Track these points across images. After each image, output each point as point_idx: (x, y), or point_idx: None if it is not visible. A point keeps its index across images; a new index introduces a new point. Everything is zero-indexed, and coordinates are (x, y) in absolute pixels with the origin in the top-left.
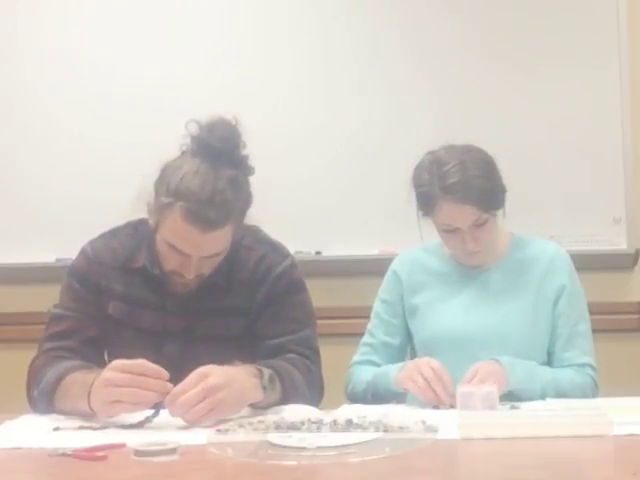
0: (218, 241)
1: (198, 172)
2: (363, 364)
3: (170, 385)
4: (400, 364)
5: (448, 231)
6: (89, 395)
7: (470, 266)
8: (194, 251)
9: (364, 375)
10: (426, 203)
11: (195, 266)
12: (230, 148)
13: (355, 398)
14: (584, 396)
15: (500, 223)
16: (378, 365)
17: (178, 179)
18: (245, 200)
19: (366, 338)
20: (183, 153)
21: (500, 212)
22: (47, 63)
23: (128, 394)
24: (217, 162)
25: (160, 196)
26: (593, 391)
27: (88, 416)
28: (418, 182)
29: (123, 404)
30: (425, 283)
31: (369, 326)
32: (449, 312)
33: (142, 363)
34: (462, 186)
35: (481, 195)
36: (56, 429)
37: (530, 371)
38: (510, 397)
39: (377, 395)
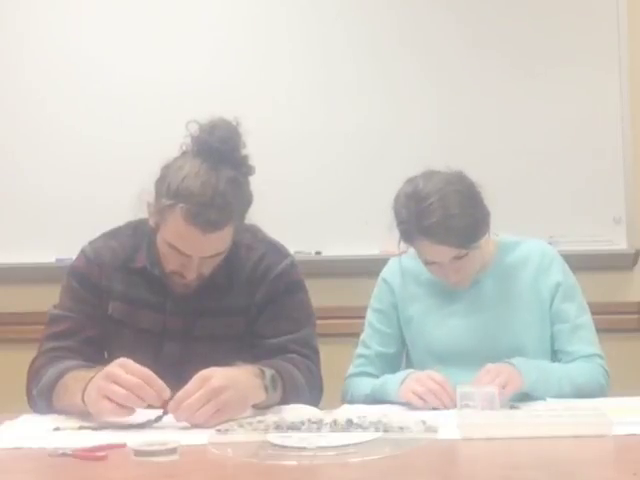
0: (219, 242)
1: (199, 173)
2: (359, 376)
3: (162, 402)
4: (399, 376)
5: (429, 263)
6: (85, 388)
7: None
8: (195, 252)
9: (362, 389)
10: (406, 238)
11: (196, 266)
12: (230, 149)
13: None
14: (598, 385)
15: (485, 242)
16: (374, 376)
17: (179, 180)
18: (245, 201)
19: (360, 349)
20: (184, 153)
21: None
22: (48, 64)
23: (121, 395)
24: (218, 163)
25: (161, 197)
26: (605, 379)
27: (82, 412)
28: (397, 216)
29: (110, 403)
30: (418, 294)
31: (363, 336)
32: (444, 324)
33: (150, 374)
34: (440, 227)
35: (460, 235)
36: (56, 429)
37: (544, 370)
38: (524, 396)
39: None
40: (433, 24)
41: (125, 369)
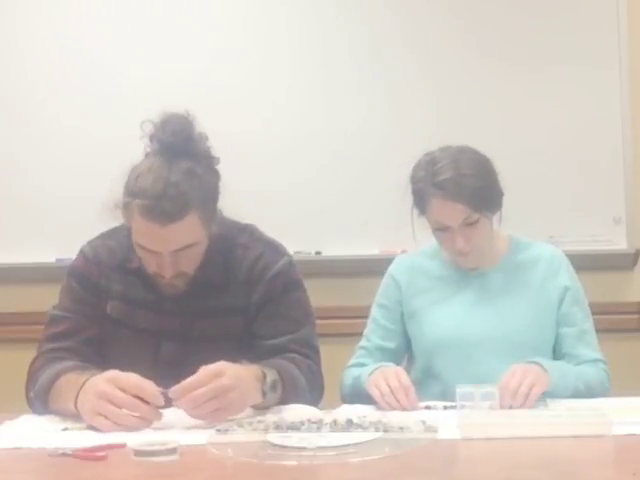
0: (182, 233)
1: (152, 169)
2: (356, 367)
3: (159, 413)
4: (372, 367)
5: (440, 229)
6: (77, 396)
7: (467, 268)
8: (160, 247)
9: (352, 375)
10: (419, 200)
11: (169, 263)
12: (183, 140)
13: (344, 399)
14: (604, 389)
15: (496, 227)
16: None
17: (134, 179)
18: (206, 189)
19: (362, 342)
20: (146, 155)
21: (496, 216)
22: (48, 63)
23: (116, 415)
24: (172, 156)
25: (123, 199)
26: (608, 383)
27: (76, 416)
28: (413, 179)
29: (107, 421)
30: (425, 287)
31: (365, 331)
32: (448, 315)
33: (140, 386)
34: (453, 183)
35: (472, 194)
36: (65, 429)
37: (562, 369)
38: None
39: (359, 395)
40: (433, 24)
41: (116, 384)
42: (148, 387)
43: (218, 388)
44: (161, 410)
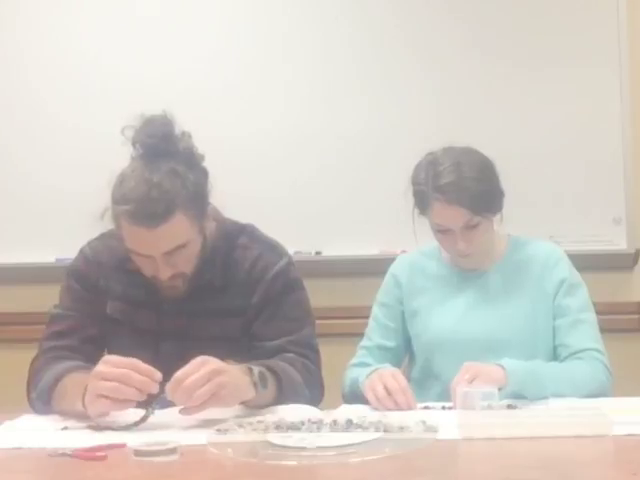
0: (171, 234)
1: (134, 173)
2: (357, 366)
3: (155, 384)
4: (368, 370)
5: (441, 231)
6: (84, 394)
7: (467, 269)
8: (151, 250)
9: (351, 376)
10: (421, 202)
11: (163, 266)
12: (162, 141)
13: (345, 399)
14: (598, 383)
15: (497, 226)
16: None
17: (118, 186)
18: (191, 187)
19: (363, 341)
20: (132, 159)
21: (497, 216)
22: (48, 62)
23: (111, 389)
24: (153, 158)
25: (111, 207)
26: (606, 376)
27: (83, 415)
28: (414, 180)
29: (107, 400)
30: (425, 287)
31: (367, 329)
32: (449, 315)
33: (134, 361)
34: (454, 187)
35: (473, 198)
36: (65, 429)
37: (534, 370)
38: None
39: (357, 397)
40: (433, 24)
41: (110, 364)
42: (142, 364)
43: (210, 371)
44: (160, 410)
